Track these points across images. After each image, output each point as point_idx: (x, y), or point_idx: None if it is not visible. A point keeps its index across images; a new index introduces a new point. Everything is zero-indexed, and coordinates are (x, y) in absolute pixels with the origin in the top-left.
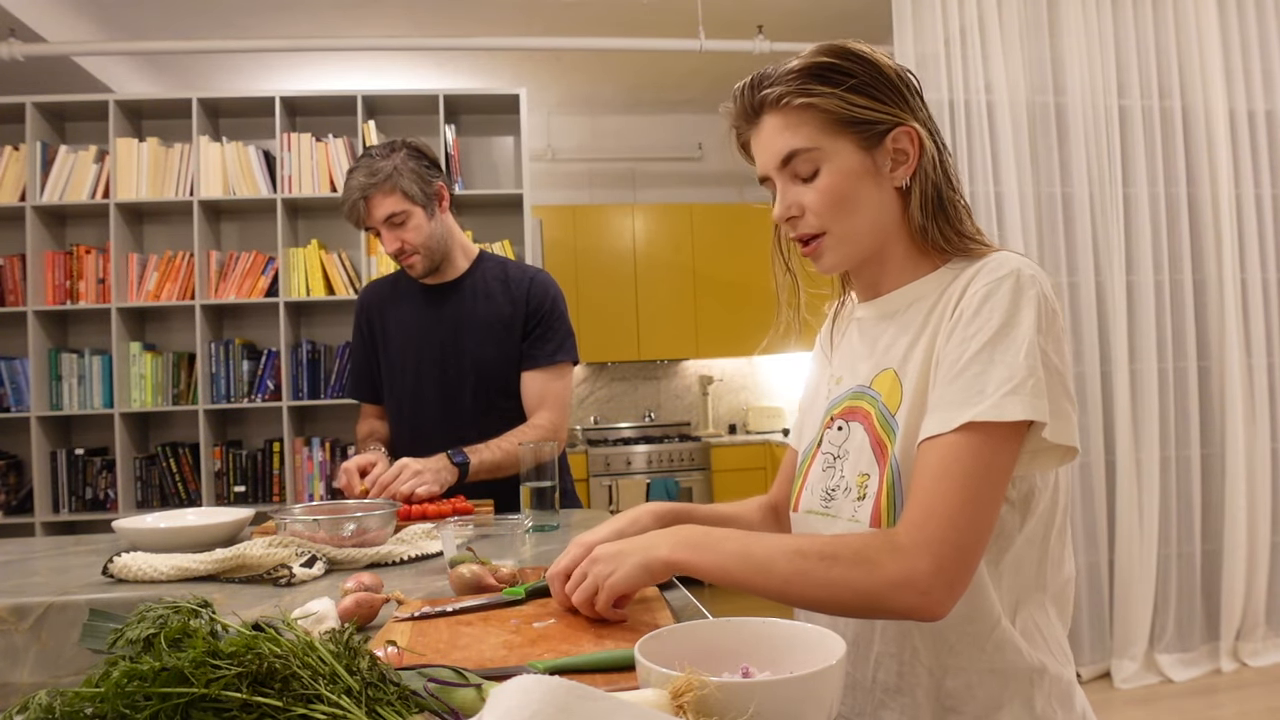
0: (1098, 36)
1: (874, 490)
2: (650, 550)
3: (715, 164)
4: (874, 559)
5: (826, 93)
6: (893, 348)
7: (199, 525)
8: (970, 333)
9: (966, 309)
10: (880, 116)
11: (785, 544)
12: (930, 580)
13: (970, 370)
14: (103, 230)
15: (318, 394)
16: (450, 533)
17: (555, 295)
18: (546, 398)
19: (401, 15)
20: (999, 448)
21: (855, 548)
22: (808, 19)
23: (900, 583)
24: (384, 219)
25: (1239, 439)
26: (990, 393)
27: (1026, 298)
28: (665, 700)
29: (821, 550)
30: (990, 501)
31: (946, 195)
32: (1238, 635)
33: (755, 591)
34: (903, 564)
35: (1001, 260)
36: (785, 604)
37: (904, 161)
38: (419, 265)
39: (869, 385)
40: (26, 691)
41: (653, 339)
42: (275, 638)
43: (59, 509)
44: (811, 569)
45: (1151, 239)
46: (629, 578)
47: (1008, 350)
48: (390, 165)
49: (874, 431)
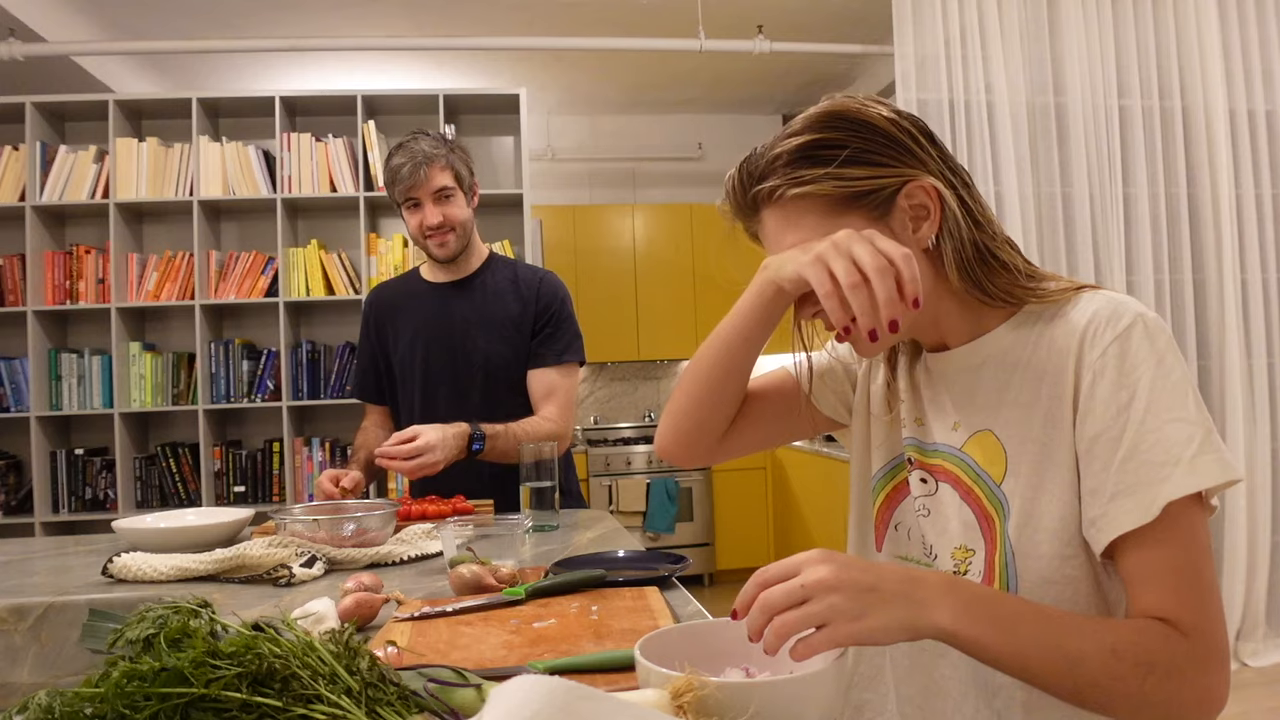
0: (1098, 36)
1: (978, 570)
2: (923, 608)
3: (715, 164)
4: (1182, 673)
5: (819, 175)
6: (984, 408)
7: (199, 525)
8: (1124, 400)
9: (1102, 375)
10: (884, 181)
11: (1096, 635)
12: (1224, 696)
13: (1145, 443)
14: (102, 230)
15: (318, 394)
16: (450, 533)
17: (564, 296)
18: (554, 394)
19: (401, 15)
20: (1204, 515)
21: (1167, 654)
22: (808, 19)
23: (1203, 700)
24: (436, 190)
25: (1239, 439)
26: (1183, 460)
27: (1163, 343)
28: (665, 700)
29: (1137, 655)
30: (1215, 575)
31: (984, 244)
32: (1238, 635)
33: (1041, 686)
34: (1205, 684)
35: (1115, 306)
36: (1069, 703)
37: (925, 217)
38: (452, 243)
39: (960, 448)
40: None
41: (653, 339)
42: (275, 638)
43: (59, 509)
44: (1127, 675)
45: (1151, 239)
46: (882, 632)
47: (1173, 409)
48: (446, 146)
49: (977, 502)
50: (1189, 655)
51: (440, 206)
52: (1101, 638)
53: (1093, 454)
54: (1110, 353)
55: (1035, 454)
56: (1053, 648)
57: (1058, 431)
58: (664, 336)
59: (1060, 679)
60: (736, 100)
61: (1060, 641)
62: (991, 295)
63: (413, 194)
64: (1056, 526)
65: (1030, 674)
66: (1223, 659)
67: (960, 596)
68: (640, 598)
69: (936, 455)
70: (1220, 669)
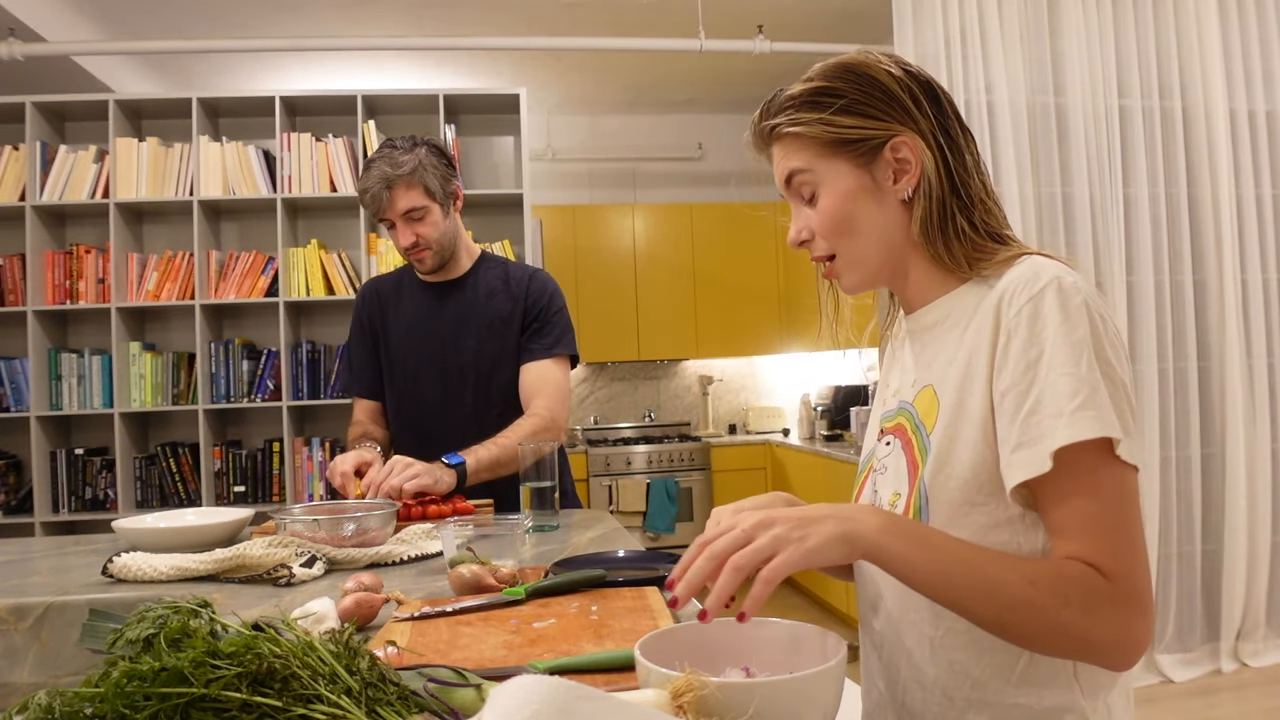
0: (1098, 36)
1: (900, 512)
2: (853, 522)
3: (715, 164)
4: (1099, 609)
5: (813, 119)
6: (933, 364)
7: (199, 525)
8: (1032, 357)
9: (1015, 332)
10: (870, 133)
11: (1016, 566)
12: (1144, 646)
13: (1044, 398)
14: (102, 230)
15: (318, 394)
16: (450, 533)
17: (554, 291)
18: (543, 386)
19: (401, 15)
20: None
21: (1084, 589)
22: (808, 19)
23: (1122, 642)
24: (403, 212)
25: (1239, 439)
26: (1064, 414)
27: (1074, 304)
28: (665, 700)
29: (1054, 585)
30: (1140, 529)
31: (954, 210)
32: (1238, 635)
33: (964, 611)
34: (1124, 625)
35: (1035, 269)
36: (991, 632)
37: (907, 172)
38: (429, 261)
39: (911, 402)
40: (26, 691)
41: (653, 339)
42: (275, 638)
43: (59, 509)
44: (1045, 604)
45: (1151, 239)
46: (825, 547)
47: (1065, 365)
48: (414, 160)
49: (910, 451)
50: (1108, 595)
51: (411, 227)
52: (1020, 568)
53: (1003, 408)
54: (1024, 312)
55: (955, 405)
56: (974, 570)
57: (975, 384)
58: (664, 336)
59: (982, 603)
60: (736, 100)
61: (981, 567)
62: (950, 258)
63: (380, 216)
64: (968, 475)
65: (955, 595)
66: (1142, 606)
67: (886, 516)
68: (640, 598)
69: (899, 414)
70: (1140, 615)
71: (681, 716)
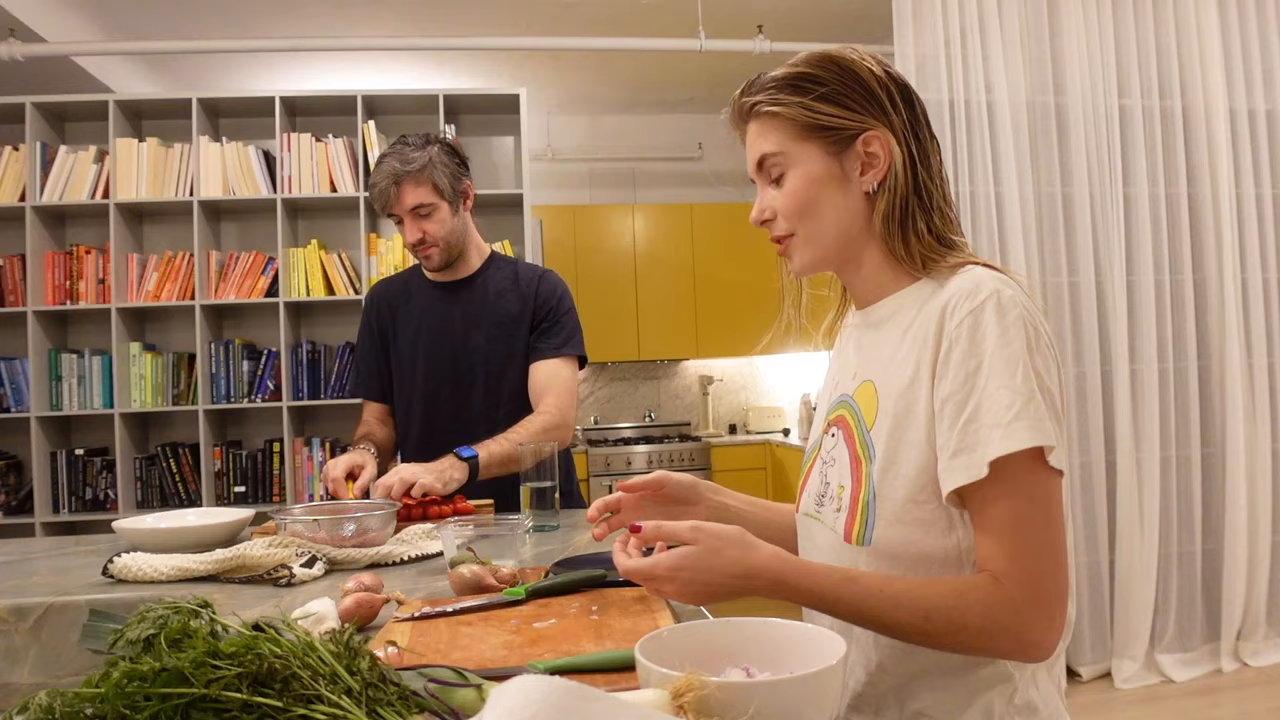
0: (1098, 36)
1: (847, 505)
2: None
3: (715, 164)
4: (995, 621)
5: (793, 102)
6: (874, 360)
7: (199, 525)
8: (971, 368)
9: (956, 343)
10: (845, 123)
11: (913, 603)
12: (1050, 643)
13: (981, 408)
14: (102, 230)
15: (318, 394)
16: (450, 533)
17: (563, 292)
18: (553, 385)
19: (401, 15)
20: (1045, 475)
21: (980, 608)
22: (808, 19)
23: (1023, 645)
24: (412, 208)
25: (1239, 438)
26: (1001, 424)
27: (1011, 318)
28: (665, 700)
29: (950, 614)
30: (1060, 531)
31: (915, 209)
32: (1238, 635)
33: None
34: (1022, 630)
35: (976, 282)
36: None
37: (874, 166)
38: (435, 258)
39: (852, 395)
40: (26, 691)
41: (653, 339)
42: (275, 638)
43: (59, 509)
44: (942, 635)
45: (1151, 239)
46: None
47: (1003, 377)
48: (425, 157)
49: (852, 445)
50: (1006, 604)
51: (418, 223)
52: (916, 605)
53: (943, 414)
54: (965, 324)
55: (901, 409)
56: (871, 620)
57: (919, 391)
58: (664, 336)
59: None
60: None
61: (876, 617)
62: (907, 255)
63: (389, 211)
64: (913, 474)
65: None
66: (1043, 604)
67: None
68: (640, 598)
69: (839, 406)
70: (1040, 614)
71: (682, 716)
